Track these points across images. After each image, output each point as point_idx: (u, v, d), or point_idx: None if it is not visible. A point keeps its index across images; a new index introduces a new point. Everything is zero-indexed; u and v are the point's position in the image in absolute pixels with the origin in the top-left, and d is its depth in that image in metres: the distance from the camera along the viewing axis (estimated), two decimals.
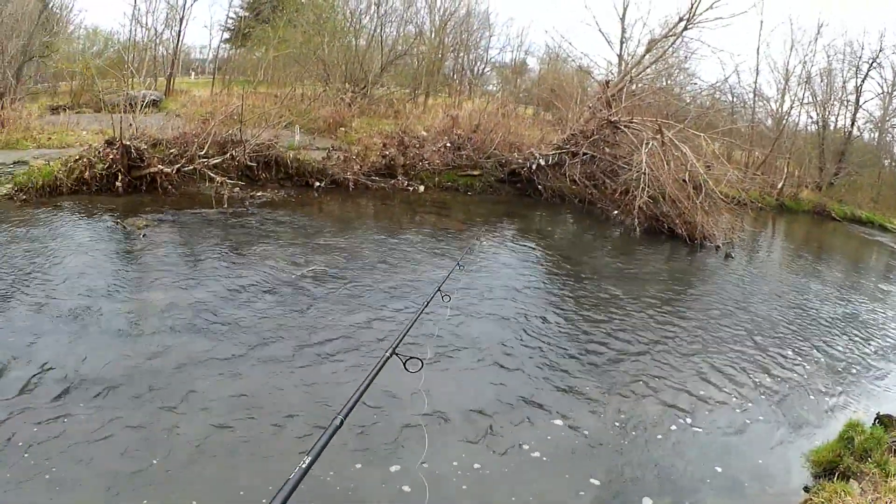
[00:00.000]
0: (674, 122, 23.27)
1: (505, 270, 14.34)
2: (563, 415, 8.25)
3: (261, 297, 10.49)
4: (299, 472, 2.59)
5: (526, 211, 22.15)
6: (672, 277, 16.92)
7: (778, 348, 12.59)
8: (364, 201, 19.86)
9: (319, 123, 24.92)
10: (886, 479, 7.18)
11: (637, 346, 11.12)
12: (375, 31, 33.18)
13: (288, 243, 13.67)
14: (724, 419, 8.98)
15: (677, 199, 20.81)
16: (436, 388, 8.37)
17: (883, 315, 17.50)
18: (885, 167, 54.19)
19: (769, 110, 47.25)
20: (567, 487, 6.80)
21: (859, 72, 50.05)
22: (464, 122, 24.93)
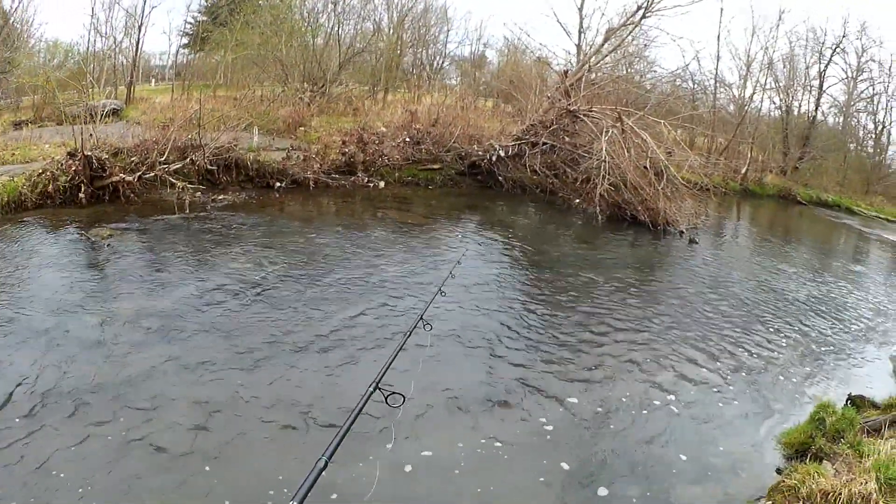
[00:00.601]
0: (634, 110, 23.26)
1: (466, 263, 14.01)
2: (533, 404, 8.25)
3: (225, 302, 10.35)
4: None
5: (487, 203, 21.97)
6: (636, 264, 16.88)
7: (746, 332, 12.60)
8: (325, 200, 19.63)
9: (279, 124, 24.67)
10: (860, 460, 7.13)
11: (603, 335, 11.15)
12: (333, 29, 33.00)
13: (250, 246, 13.47)
14: (695, 404, 8.98)
15: (639, 186, 20.77)
16: (405, 377, 8.10)
17: (851, 296, 17.54)
18: (851, 151, 54.65)
19: (731, 96, 47.55)
20: (538, 474, 6.77)
21: (822, 57, 50.45)
22: (423, 117, 24.74)
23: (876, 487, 6.37)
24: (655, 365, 10.05)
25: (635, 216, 21.11)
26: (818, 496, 6.41)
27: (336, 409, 7.39)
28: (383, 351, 8.97)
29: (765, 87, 46.85)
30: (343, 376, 8.32)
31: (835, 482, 6.53)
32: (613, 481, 6.82)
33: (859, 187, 52.20)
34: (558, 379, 9.04)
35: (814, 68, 50.75)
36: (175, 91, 32.45)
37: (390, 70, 34.89)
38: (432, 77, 38.44)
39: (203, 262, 12.24)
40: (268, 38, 31.06)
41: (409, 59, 38.45)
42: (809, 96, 51.15)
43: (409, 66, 38.38)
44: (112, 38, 31.87)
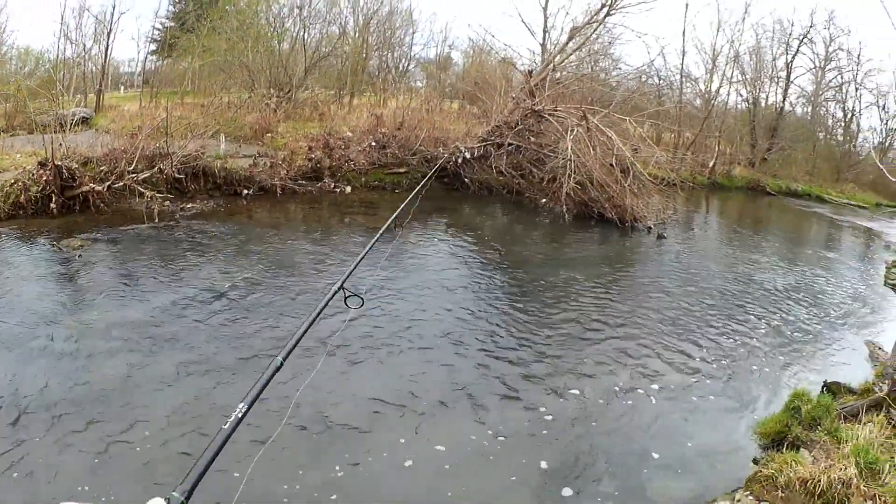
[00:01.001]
0: (599, 108, 23.35)
1: (436, 266, 14.27)
2: (505, 403, 8.28)
3: (195, 310, 10.31)
4: (238, 416, 2.47)
5: (454, 205, 21.94)
6: (604, 261, 16.91)
7: (718, 323, 12.69)
8: (292, 206, 19.56)
9: (246, 130, 24.55)
10: (839, 446, 7.21)
11: (574, 332, 11.14)
12: (299, 33, 32.88)
13: (219, 254, 13.40)
14: (669, 398, 9.03)
15: (605, 184, 20.82)
16: (374, 381, 8.48)
17: (824, 283, 17.73)
18: (820, 140, 54.98)
19: (698, 91, 47.73)
20: (514, 474, 6.79)
21: (790, 48, 50.72)
22: (388, 121, 24.65)
23: (856, 472, 6.43)
24: (628, 361, 10.08)
25: (602, 214, 21.14)
26: (797, 484, 6.47)
27: (311, 413, 7.40)
28: (352, 366, 8.90)
29: (731, 81, 47.11)
30: (325, 382, 8.27)
31: (813, 469, 6.57)
32: (589, 477, 6.83)
33: (829, 175, 52.53)
34: (530, 378, 9.06)
35: (781, 59, 51.03)
36: (143, 98, 32.23)
37: (356, 74, 34.76)
38: (398, 80, 38.37)
39: (173, 272, 12.15)
40: (234, 43, 30.89)
41: (375, 62, 38.33)
42: (777, 87, 51.41)
43: (374, 70, 38.27)
44: (82, 45, 31.65)
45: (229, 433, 2.35)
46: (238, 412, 2.48)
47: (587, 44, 28.61)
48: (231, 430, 2.37)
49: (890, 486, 6.32)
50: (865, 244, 29.78)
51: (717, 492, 6.84)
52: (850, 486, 6.28)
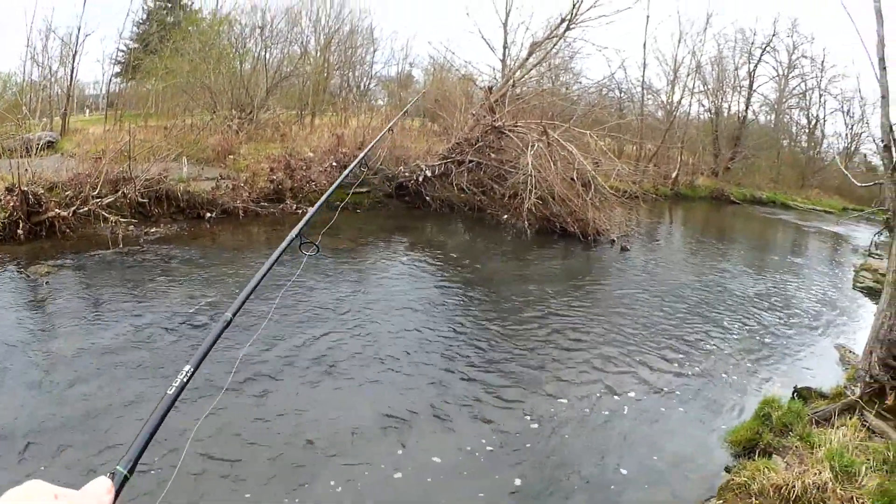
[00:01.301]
0: (559, 123, 23.45)
1: (399, 285, 14.20)
2: (474, 419, 8.24)
3: (160, 336, 10.17)
4: (183, 380, 2.24)
5: (416, 223, 21.88)
6: (568, 275, 16.96)
7: (686, 333, 12.74)
8: (255, 229, 19.42)
9: (208, 153, 24.40)
10: (812, 451, 7.24)
11: (542, 347, 11.12)
12: (260, 54, 32.79)
13: (183, 278, 13.25)
14: (640, 409, 9.01)
15: (567, 198, 20.86)
16: (337, 402, 8.40)
17: (792, 289, 17.94)
18: (784, 147, 55.46)
19: (659, 102, 48.04)
20: (486, 490, 6.73)
21: (752, 57, 51.29)
22: (349, 140, 24.56)
23: (831, 476, 6.47)
24: (597, 374, 10.05)
25: (565, 228, 21.19)
26: (771, 491, 6.48)
27: (274, 442, 7.28)
28: (324, 387, 8.88)
29: (693, 91, 47.49)
30: (276, 402, 8.22)
31: (787, 475, 6.59)
32: (561, 493, 6.79)
33: (794, 182, 53.03)
34: (498, 395, 9.01)
35: (743, 69, 51.54)
36: (108, 121, 32.03)
37: (317, 93, 34.71)
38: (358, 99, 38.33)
39: (138, 298, 11.97)
40: (197, 64, 30.76)
41: (337, 81, 38.26)
42: (739, 97, 51.92)
43: (336, 89, 38.22)
44: (48, 68, 31.42)
45: (174, 398, 2.20)
46: (184, 375, 2.28)
47: (547, 58, 28.71)
48: (175, 395, 2.21)
49: (868, 489, 6.35)
50: (833, 248, 30.03)
51: (690, 501, 6.85)
52: (826, 490, 6.31)
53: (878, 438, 7.82)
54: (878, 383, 8.99)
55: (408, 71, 44.69)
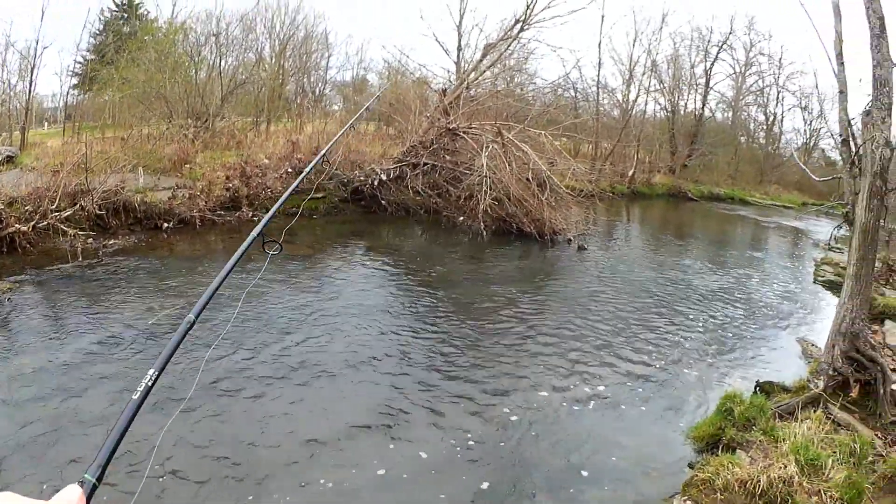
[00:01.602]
0: (514, 124, 23.51)
1: (357, 291, 14.10)
2: (434, 424, 8.15)
3: (121, 349, 9.99)
4: (148, 385, 2.31)
5: (373, 228, 21.80)
6: (526, 275, 17.02)
7: (646, 330, 12.77)
8: (212, 237, 19.26)
9: (165, 162, 24.19)
10: (776, 445, 7.25)
11: (502, 348, 11.08)
12: (215, 61, 32.61)
13: (142, 290, 13.02)
14: (601, 408, 8.99)
15: (522, 199, 20.91)
16: (301, 407, 8.32)
17: (753, 284, 18.12)
18: (742, 144, 55.98)
19: (615, 101, 48.28)
20: (447, 494, 6.67)
21: (708, 55, 51.73)
22: (305, 146, 24.45)
23: (797, 470, 6.51)
24: (557, 374, 10.03)
25: (521, 228, 21.24)
26: (735, 485, 6.46)
27: (237, 451, 7.17)
28: (283, 393, 8.76)
29: (649, 90, 47.84)
30: (237, 413, 8.09)
31: (751, 470, 6.58)
32: (524, 494, 6.76)
33: (753, 178, 53.51)
34: (458, 397, 8.95)
35: (700, 67, 51.95)
36: (66, 133, 31.74)
37: (273, 100, 34.59)
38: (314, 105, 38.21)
39: (98, 311, 11.77)
40: (152, 74, 30.54)
41: (292, 87, 38.14)
42: (696, 94, 52.34)
43: (291, 95, 38.10)
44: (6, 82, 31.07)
45: (139, 403, 2.22)
46: (148, 379, 2.33)
47: (501, 60, 28.81)
48: (141, 399, 2.23)
49: (835, 482, 6.39)
50: (793, 243, 30.31)
51: (654, 499, 6.84)
52: (792, 483, 6.34)
53: (843, 431, 7.89)
54: (842, 376, 9.02)
55: (363, 75, 44.71)
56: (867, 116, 9.07)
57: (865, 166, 9.01)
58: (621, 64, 48.55)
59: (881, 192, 8.95)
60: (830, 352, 9.27)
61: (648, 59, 46.73)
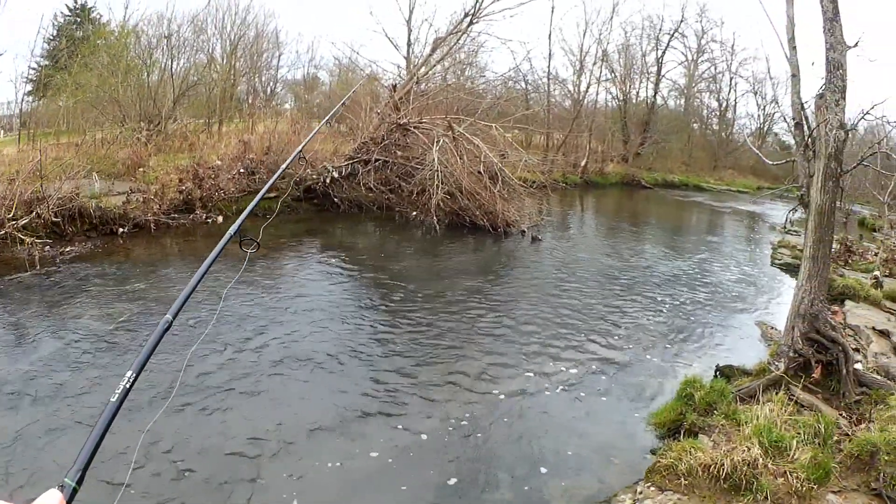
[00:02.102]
0: (465, 117, 23.57)
1: (312, 289, 14.06)
2: (392, 420, 8.13)
3: (81, 357, 9.84)
4: (126, 387, 2.29)
5: (326, 226, 21.79)
6: (480, 268, 17.10)
7: (602, 318, 12.89)
8: (167, 241, 19.14)
9: (119, 167, 24.04)
10: (738, 428, 7.29)
11: (459, 341, 11.10)
12: (167, 64, 32.43)
13: (100, 297, 12.84)
14: (561, 398, 9.03)
15: (475, 192, 21.09)
16: (260, 408, 8.23)
17: (710, 269, 18.43)
18: (695, 131, 56.53)
19: (566, 92, 48.49)
20: (408, 489, 6.67)
21: (660, 44, 52.24)
22: (256, 146, 24.39)
23: (761, 452, 6.56)
24: (516, 364, 10.08)
25: (474, 221, 21.41)
26: (699, 470, 6.52)
27: (199, 455, 7.11)
28: (240, 395, 8.67)
29: (600, 80, 48.15)
30: (202, 418, 7.98)
31: (715, 454, 6.63)
32: (486, 487, 6.76)
33: (707, 164, 54.20)
34: (416, 393, 8.93)
35: (651, 55, 52.39)
36: (21, 141, 31.47)
37: (224, 101, 34.43)
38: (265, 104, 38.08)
39: (57, 319, 11.60)
40: (105, 78, 30.30)
41: (243, 87, 38.00)
42: (648, 83, 52.78)
43: (243, 95, 37.95)
44: None
45: (117, 406, 2.22)
46: (126, 382, 2.31)
47: (451, 54, 28.93)
48: (119, 402, 2.23)
49: (801, 462, 6.45)
50: (750, 227, 30.71)
51: (617, 486, 6.87)
52: (757, 465, 6.39)
53: (807, 412, 7.99)
54: (803, 357, 9.16)
55: (313, 74, 44.61)
56: (820, 100, 9.24)
57: (820, 149, 9.22)
58: (572, 55, 48.97)
59: (836, 173, 9.14)
60: (790, 334, 9.41)
61: (599, 49, 47.16)
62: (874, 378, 9.10)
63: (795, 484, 6.22)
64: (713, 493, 6.30)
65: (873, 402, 8.37)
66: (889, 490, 6.21)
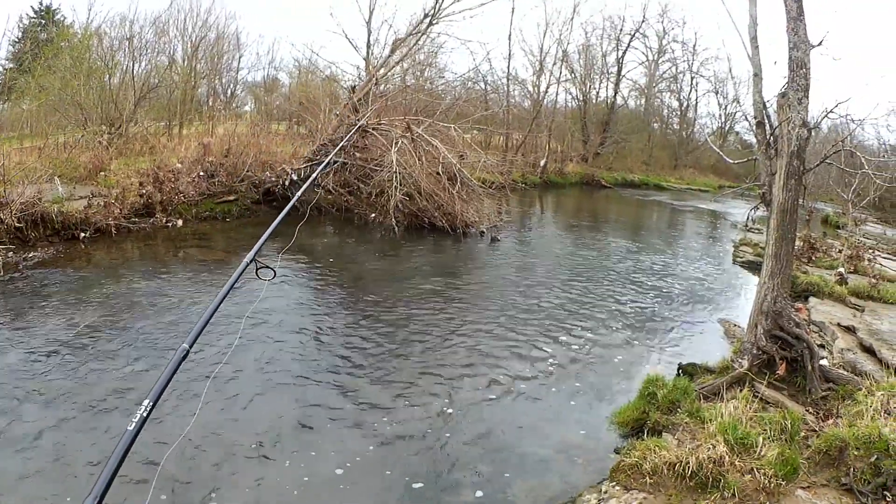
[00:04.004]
0: (423, 118, 23.74)
1: (271, 294, 13.61)
2: (350, 425, 8.03)
3: (45, 363, 9.72)
4: (143, 415, 2.36)
5: (285, 229, 21.01)
6: (440, 269, 17.13)
7: (563, 318, 12.88)
8: (128, 245, 19.04)
9: (81, 171, 23.92)
10: (703, 426, 7.33)
11: (419, 344, 11.04)
12: (128, 66, 32.28)
13: (62, 303, 12.64)
14: (523, 399, 9.05)
15: (433, 193, 21.24)
16: (216, 416, 8.02)
17: (672, 268, 18.68)
18: (655, 130, 57.01)
19: (526, 92, 48.70)
20: (370, 496, 6.61)
21: (620, 44, 52.66)
22: (216, 148, 24.31)
23: (726, 449, 6.58)
24: (476, 367, 10.06)
25: (433, 223, 21.57)
26: (664, 469, 6.53)
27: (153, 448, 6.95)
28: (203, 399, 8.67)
29: (560, 80, 48.41)
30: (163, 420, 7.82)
31: (679, 452, 6.65)
32: (447, 490, 6.71)
33: (667, 163, 54.78)
34: (378, 395, 8.89)
35: (612, 56, 52.77)
36: None
37: (185, 103, 34.30)
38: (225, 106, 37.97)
39: (21, 326, 11.44)
40: (68, 81, 30.10)
41: (204, 89, 37.89)
42: (608, 83, 53.16)
43: (203, 97, 37.83)
44: None
45: (135, 434, 2.28)
46: (143, 410, 2.38)
47: (411, 55, 29.06)
48: (137, 430, 2.29)
49: (768, 459, 6.49)
50: (712, 225, 31.06)
51: (582, 486, 6.87)
52: (723, 463, 6.43)
53: (772, 409, 8.05)
54: (767, 354, 9.26)
55: (274, 75, 44.48)
56: (783, 98, 9.33)
57: (782, 147, 9.32)
58: (532, 55, 49.28)
59: (798, 171, 9.24)
60: (753, 331, 9.54)
61: (559, 50, 47.48)
62: (840, 374, 9.22)
63: (763, 480, 6.27)
64: (679, 492, 6.33)
65: (840, 397, 8.48)
66: (860, 485, 6.29)
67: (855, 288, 15.27)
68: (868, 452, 6.55)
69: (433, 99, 28.86)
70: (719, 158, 44.62)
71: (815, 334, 11.75)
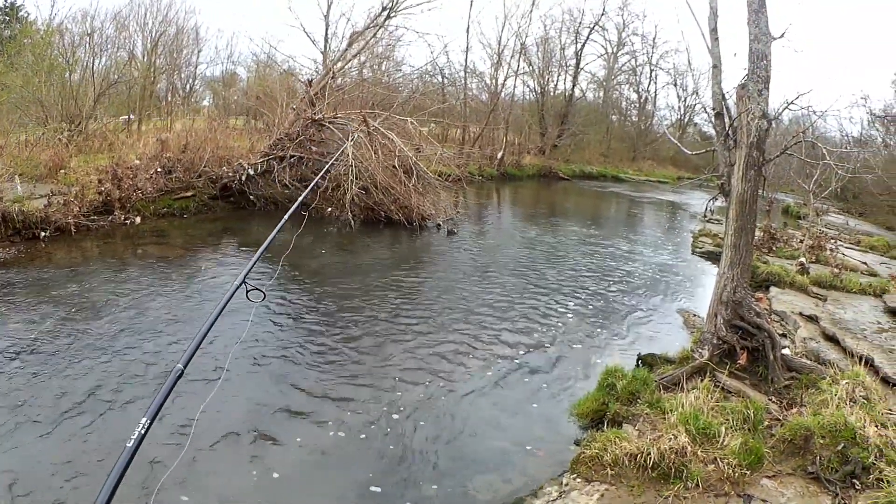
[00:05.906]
0: (380, 111, 23.89)
1: (220, 289, 13.70)
2: (311, 424, 7.92)
3: (4, 366, 9.55)
4: (141, 433, 2.42)
5: (242, 224, 21.89)
6: (397, 263, 17.20)
7: (521, 310, 13.02)
8: (88, 244, 18.95)
9: (41, 169, 23.86)
10: (664, 417, 7.40)
11: (376, 340, 10.96)
12: (89, 62, 32.16)
13: (21, 304, 12.46)
14: (481, 394, 9.07)
15: (390, 186, 21.47)
16: (166, 414, 7.69)
17: (630, 259, 18.91)
18: (614, 122, 57.50)
19: (484, 85, 48.91)
20: (330, 494, 6.57)
21: (579, 37, 52.97)
22: (174, 144, 24.32)
23: (688, 440, 6.67)
24: (435, 359, 10.12)
25: (389, 216, 21.78)
26: (626, 460, 6.57)
27: None
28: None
29: (518, 73, 48.66)
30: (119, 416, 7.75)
31: (640, 443, 6.69)
32: (407, 487, 6.65)
33: (626, 155, 55.29)
34: (334, 392, 8.79)
35: (570, 48, 53.13)
36: None
37: (144, 99, 34.22)
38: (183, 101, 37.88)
39: None
40: (29, 78, 29.93)
41: (164, 85, 37.76)
42: (566, 76, 53.52)
43: (163, 93, 37.72)
44: None
45: (133, 451, 2.33)
46: (141, 428, 2.43)
47: (368, 48, 29.24)
48: (135, 448, 2.34)
49: (731, 448, 6.59)
50: (670, 217, 31.42)
51: (543, 479, 6.87)
52: (686, 453, 6.49)
53: (734, 398, 8.14)
54: (728, 344, 9.41)
55: (232, 70, 44.37)
56: (742, 89, 9.51)
57: (741, 138, 9.45)
58: (490, 48, 49.50)
59: (758, 162, 9.38)
60: (713, 321, 9.67)
61: (518, 42, 47.72)
62: (803, 363, 9.34)
63: (727, 470, 6.37)
64: (641, 483, 6.38)
65: (804, 386, 8.56)
66: (827, 473, 6.40)
67: (817, 277, 15.48)
68: (834, 441, 6.70)
69: (390, 92, 29.14)
70: (678, 150, 44.91)
71: (777, 324, 11.98)
